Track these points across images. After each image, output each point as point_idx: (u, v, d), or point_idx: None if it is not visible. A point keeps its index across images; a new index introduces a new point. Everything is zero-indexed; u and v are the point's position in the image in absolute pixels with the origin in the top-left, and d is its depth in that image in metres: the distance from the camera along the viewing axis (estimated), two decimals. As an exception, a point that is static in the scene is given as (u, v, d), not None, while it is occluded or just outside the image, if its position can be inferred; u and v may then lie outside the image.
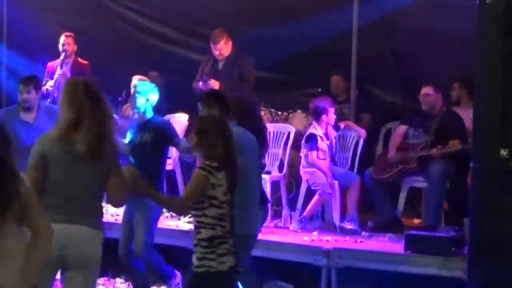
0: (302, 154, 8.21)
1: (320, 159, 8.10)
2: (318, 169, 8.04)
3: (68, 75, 9.80)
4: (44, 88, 9.82)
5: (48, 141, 4.61)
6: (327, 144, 8.20)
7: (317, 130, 8.14)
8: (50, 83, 9.77)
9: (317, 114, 8.23)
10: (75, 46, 9.94)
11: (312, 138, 8.10)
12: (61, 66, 9.83)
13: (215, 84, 8.52)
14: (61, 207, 4.53)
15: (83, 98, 4.58)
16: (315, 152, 8.07)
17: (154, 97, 7.00)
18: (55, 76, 9.78)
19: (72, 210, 4.56)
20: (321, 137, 8.14)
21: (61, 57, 9.87)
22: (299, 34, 9.38)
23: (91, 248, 4.62)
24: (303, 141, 8.22)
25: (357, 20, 9.17)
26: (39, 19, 11.05)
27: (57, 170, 4.56)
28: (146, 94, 6.95)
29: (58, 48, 9.91)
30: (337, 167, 8.40)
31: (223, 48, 8.73)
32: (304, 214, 8.04)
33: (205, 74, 8.74)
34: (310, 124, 8.50)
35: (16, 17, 11.10)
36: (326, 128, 8.25)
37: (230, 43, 8.77)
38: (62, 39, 9.90)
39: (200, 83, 8.68)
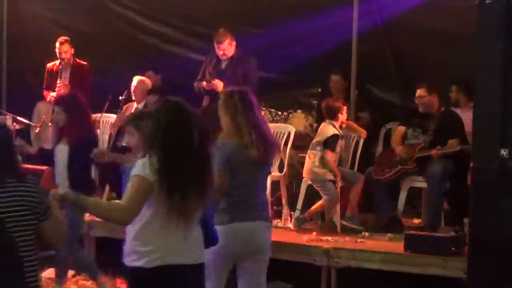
0: (312, 152, 8.10)
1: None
2: (330, 170, 7.99)
3: (68, 79, 9.73)
4: (48, 97, 9.78)
5: (228, 147, 5.14)
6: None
7: (337, 130, 8.09)
8: (53, 94, 9.66)
9: (332, 113, 8.17)
10: (72, 49, 9.78)
11: (336, 138, 8.05)
12: (60, 76, 9.75)
13: (219, 84, 8.52)
14: (245, 207, 5.17)
15: (239, 107, 5.18)
16: (332, 154, 8.02)
17: None
18: (56, 88, 9.69)
19: (254, 208, 5.21)
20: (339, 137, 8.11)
21: (60, 66, 9.75)
22: (299, 34, 9.39)
23: (267, 239, 5.33)
24: (318, 140, 8.08)
25: (357, 20, 9.17)
26: (39, 19, 11.06)
27: (238, 174, 5.15)
28: None
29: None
30: (340, 167, 8.38)
31: (227, 48, 8.72)
32: (305, 215, 8.03)
33: (209, 74, 8.74)
34: (311, 124, 8.46)
35: (16, 17, 11.10)
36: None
37: (234, 43, 8.76)
38: (57, 46, 9.73)
39: (204, 82, 8.68)
